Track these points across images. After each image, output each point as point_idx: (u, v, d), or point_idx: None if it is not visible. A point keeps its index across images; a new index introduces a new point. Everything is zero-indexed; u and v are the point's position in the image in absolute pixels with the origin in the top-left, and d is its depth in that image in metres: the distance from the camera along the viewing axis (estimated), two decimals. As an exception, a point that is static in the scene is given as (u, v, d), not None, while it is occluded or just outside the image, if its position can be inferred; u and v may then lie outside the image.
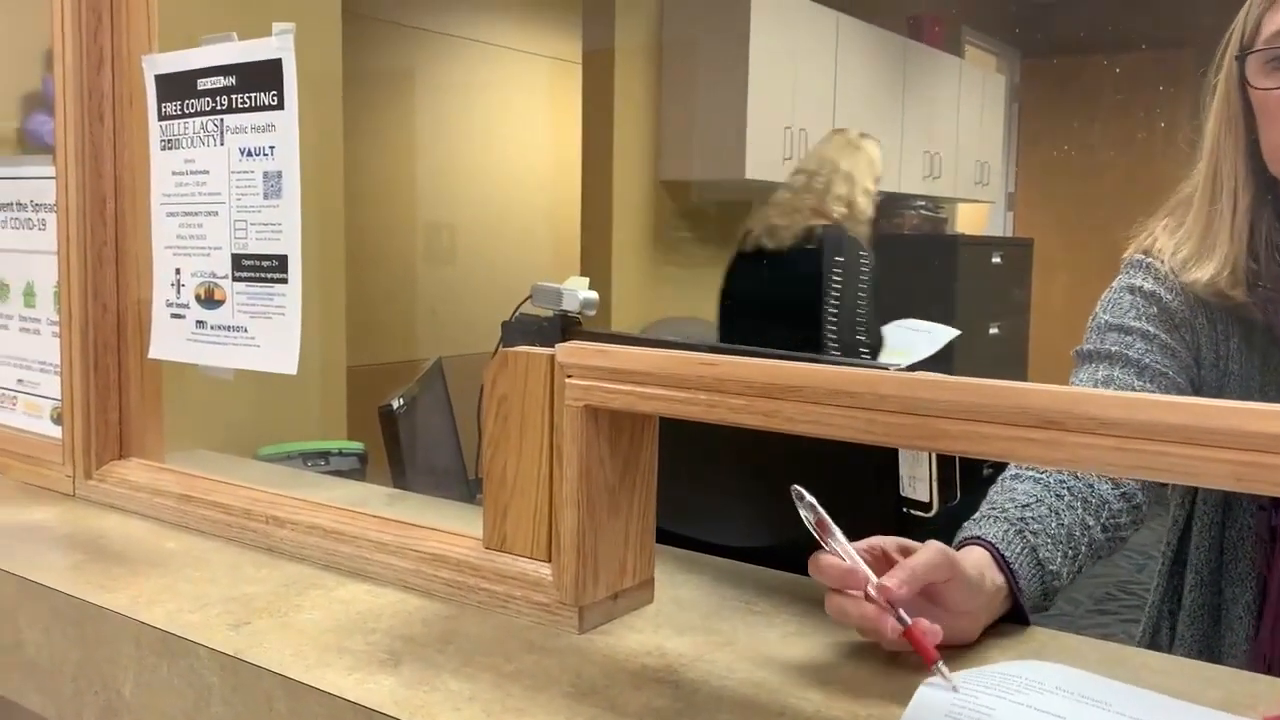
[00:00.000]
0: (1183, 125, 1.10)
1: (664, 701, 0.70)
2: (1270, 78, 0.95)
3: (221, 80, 1.07)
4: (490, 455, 0.87)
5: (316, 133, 2.53)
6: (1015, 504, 0.93)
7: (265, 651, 0.77)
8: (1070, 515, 0.94)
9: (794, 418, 0.70)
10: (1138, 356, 1.03)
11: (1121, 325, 1.05)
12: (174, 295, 1.13)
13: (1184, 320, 1.05)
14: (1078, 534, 0.94)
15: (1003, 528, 0.90)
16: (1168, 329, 1.05)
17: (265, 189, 1.04)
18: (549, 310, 1.27)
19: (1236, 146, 1.00)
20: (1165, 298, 1.05)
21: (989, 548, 0.87)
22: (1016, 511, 0.92)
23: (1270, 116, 0.96)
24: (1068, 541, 0.92)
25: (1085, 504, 0.96)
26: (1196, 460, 0.57)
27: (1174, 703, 0.70)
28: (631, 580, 0.87)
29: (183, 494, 1.10)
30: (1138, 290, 1.07)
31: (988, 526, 0.90)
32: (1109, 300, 1.09)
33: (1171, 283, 1.06)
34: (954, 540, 0.90)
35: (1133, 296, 1.07)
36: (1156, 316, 1.05)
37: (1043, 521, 0.91)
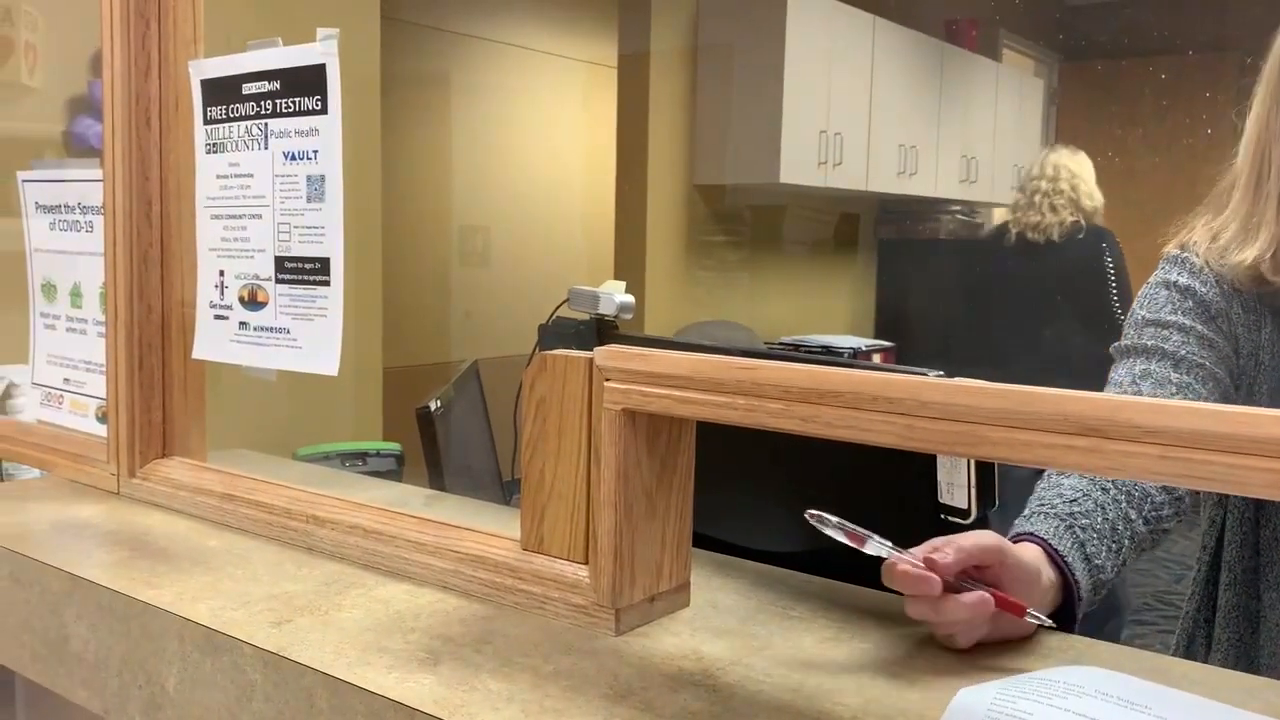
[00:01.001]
0: (1224, 129, 1.10)
1: (700, 704, 0.70)
2: None
3: (266, 85, 1.08)
4: (528, 457, 0.88)
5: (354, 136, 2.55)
6: (1063, 499, 0.94)
7: (307, 649, 0.78)
8: (1115, 510, 0.95)
9: (833, 423, 0.70)
10: (1174, 349, 1.04)
11: (1158, 320, 1.06)
12: (218, 297, 1.15)
13: (1220, 311, 1.05)
14: (1121, 528, 0.95)
15: (1053, 524, 0.92)
16: (1204, 320, 1.05)
17: (308, 192, 1.05)
18: (585, 314, 1.28)
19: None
20: (1200, 290, 1.06)
21: (1042, 544, 0.88)
22: (1065, 507, 0.93)
23: None
24: (1112, 536, 0.93)
25: (1129, 498, 0.97)
26: (1241, 469, 0.56)
27: (1218, 707, 0.69)
28: (668, 583, 0.87)
29: (225, 493, 1.11)
30: (1173, 285, 1.08)
31: (1038, 523, 0.91)
32: (1145, 296, 1.10)
33: (1206, 275, 1.06)
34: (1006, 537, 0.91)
35: (1168, 291, 1.08)
36: (1193, 309, 1.06)
37: (1089, 517, 0.93)
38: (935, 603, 0.77)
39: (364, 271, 2.64)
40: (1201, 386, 1.03)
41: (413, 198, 4.29)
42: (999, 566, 0.80)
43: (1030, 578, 0.84)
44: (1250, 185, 1.04)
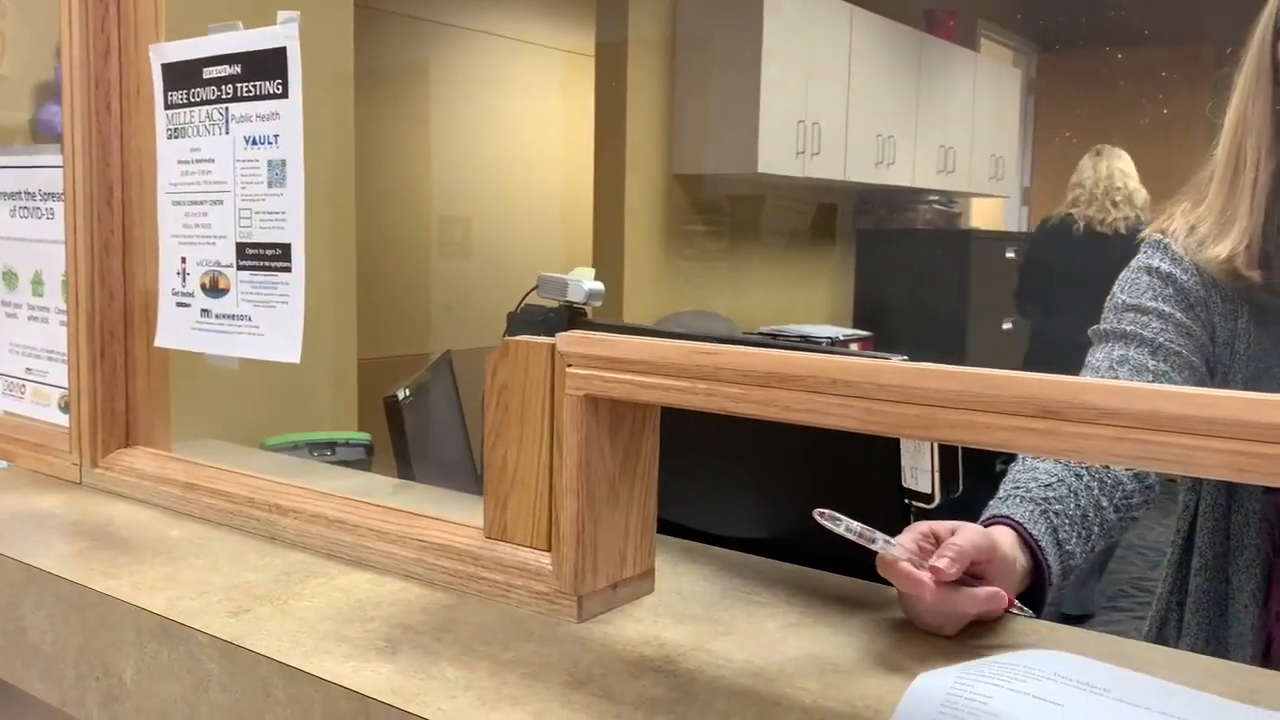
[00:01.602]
0: (1201, 120, 1.11)
1: (660, 690, 0.70)
2: None
3: (227, 69, 1.07)
4: (491, 444, 0.87)
5: (328, 125, 2.54)
6: (1038, 484, 0.95)
7: (264, 638, 0.77)
8: (1087, 497, 0.96)
9: (792, 406, 0.69)
10: (1152, 336, 1.04)
11: (1138, 305, 1.07)
12: (179, 284, 1.13)
13: (1199, 299, 1.06)
14: (1092, 515, 0.95)
15: (1028, 508, 0.92)
16: (1183, 308, 1.06)
17: (269, 177, 1.04)
18: (555, 301, 1.27)
19: (1264, 115, 1.02)
20: (1181, 278, 1.06)
21: (1017, 527, 0.89)
22: (1040, 492, 0.94)
23: None
24: (1083, 523, 0.94)
25: (1101, 485, 0.97)
26: (1197, 450, 0.56)
27: (1176, 688, 0.69)
28: (632, 570, 0.87)
29: (188, 482, 1.10)
30: (1154, 271, 1.08)
31: (1014, 507, 0.92)
32: (1126, 280, 1.10)
33: (1187, 262, 1.07)
34: (980, 519, 0.91)
35: (1149, 277, 1.08)
36: (1173, 296, 1.06)
37: (1063, 503, 0.94)
38: (949, 595, 0.78)
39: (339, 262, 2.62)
40: (1178, 374, 1.03)
41: (390, 188, 4.26)
42: (986, 563, 0.81)
43: (1009, 566, 0.84)
44: (1226, 179, 1.04)
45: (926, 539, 0.81)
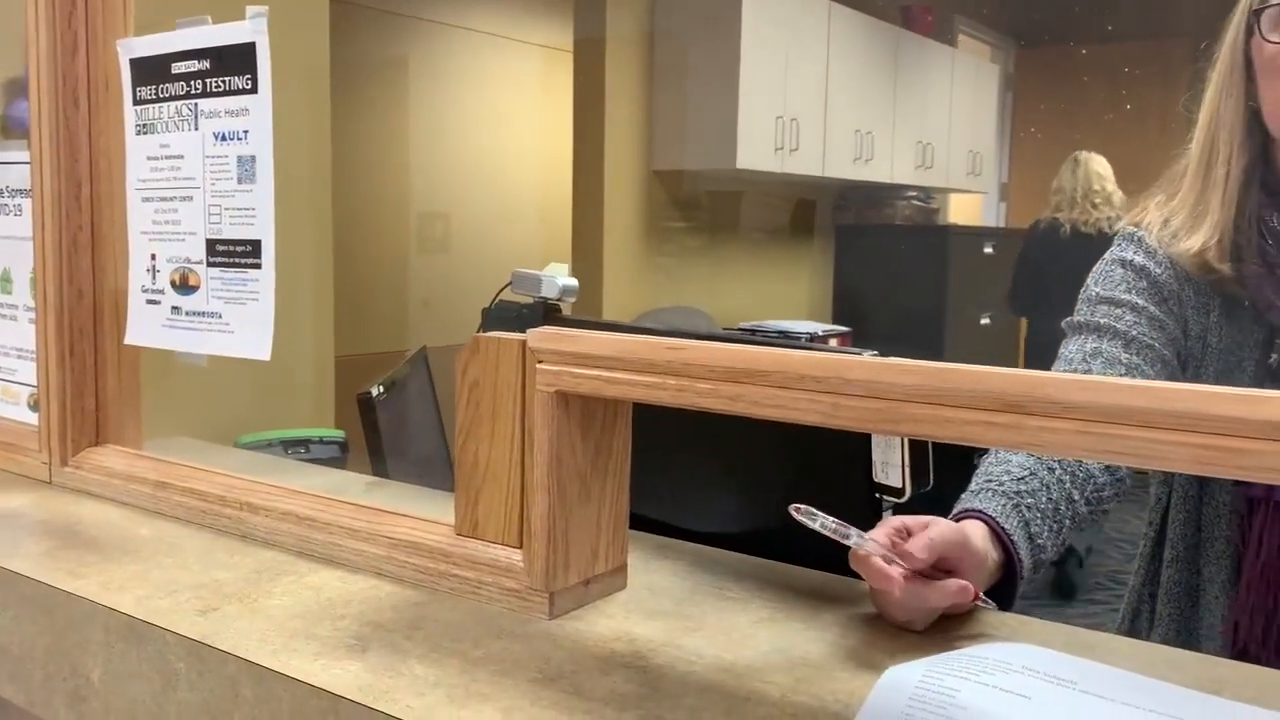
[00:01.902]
0: (1177, 114, 1.12)
1: (630, 686, 0.70)
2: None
3: (196, 64, 1.06)
4: (462, 441, 0.87)
5: (304, 121, 2.52)
6: (1010, 477, 0.95)
7: (232, 637, 0.77)
8: (1059, 490, 0.96)
9: (760, 402, 0.69)
10: (1125, 329, 1.05)
11: (1112, 298, 1.07)
12: (149, 281, 1.13)
13: (1172, 293, 1.06)
14: (1064, 509, 0.96)
15: (1000, 502, 0.92)
16: (1156, 301, 1.06)
17: (239, 173, 1.03)
18: (529, 297, 1.27)
19: (1236, 111, 1.03)
20: (1154, 271, 1.07)
21: (989, 522, 0.89)
22: (1012, 485, 0.94)
23: (1276, 73, 0.98)
24: (1054, 516, 0.94)
25: (1073, 478, 0.97)
26: (1159, 444, 0.57)
27: (1142, 680, 0.70)
28: (604, 566, 0.87)
29: (158, 481, 1.09)
30: (1128, 264, 1.08)
31: (986, 500, 0.92)
32: (1100, 273, 1.10)
33: (1160, 256, 1.07)
34: (952, 511, 0.92)
35: (1123, 270, 1.08)
36: (1146, 290, 1.07)
37: (1035, 496, 0.94)
38: (919, 589, 0.78)
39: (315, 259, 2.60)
40: (1150, 367, 1.04)
41: (368, 184, 4.24)
42: (956, 558, 0.81)
43: (980, 560, 0.84)
44: (1199, 172, 1.05)
45: (899, 533, 0.82)
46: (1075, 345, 1.07)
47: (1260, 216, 1.01)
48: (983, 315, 5.09)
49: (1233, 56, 1.03)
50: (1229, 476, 0.56)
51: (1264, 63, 0.99)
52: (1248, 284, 1.02)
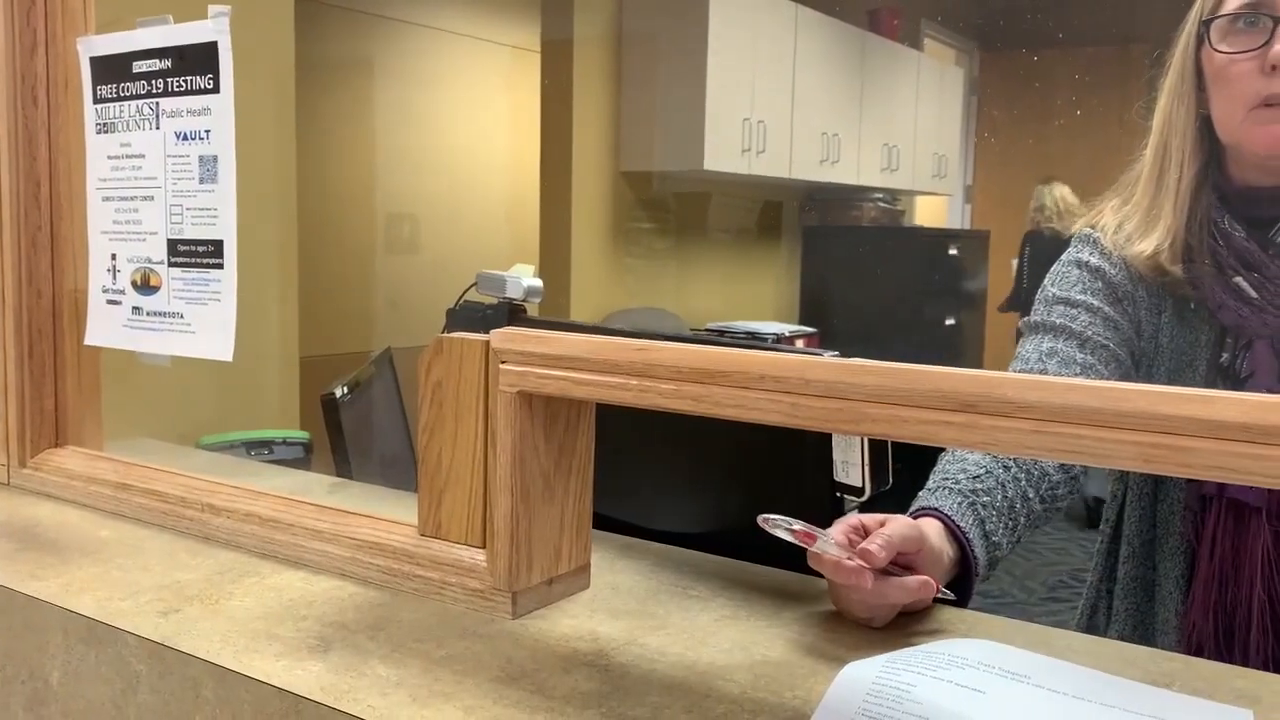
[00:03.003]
0: (1134, 118, 1.14)
1: (592, 685, 0.70)
2: (1231, 43, 1.00)
3: (157, 63, 1.05)
4: (425, 442, 0.87)
5: (269, 121, 2.50)
6: (966, 475, 0.96)
7: (194, 639, 0.77)
8: (1014, 488, 0.97)
9: (722, 402, 0.70)
10: (1080, 329, 1.06)
11: (1068, 298, 1.09)
12: (110, 281, 1.12)
13: (1126, 293, 1.08)
14: (1019, 506, 0.97)
15: (956, 500, 0.94)
16: (1111, 302, 1.08)
17: (201, 173, 1.02)
18: (494, 298, 1.27)
19: (1188, 118, 1.05)
20: (1109, 272, 1.09)
21: (944, 519, 0.90)
22: (968, 484, 0.95)
23: (1225, 82, 1.00)
24: (1010, 514, 0.96)
25: (1028, 476, 0.99)
26: (1108, 443, 0.58)
27: (1094, 674, 0.71)
28: (567, 566, 0.87)
29: (119, 482, 1.08)
30: (1084, 265, 1.10)
31: (942, 498, 0.93)
32: (1057, 274, 1.12)
33: (1115, 257, 1.09)
34: (909, 510, 0.93)
35: (1079, 271, 1.10)
36: (1101, 290, 1.09)
37: (990, 494, 0.95)
38: (879, 585, 0.79)
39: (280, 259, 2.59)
40: (1105, 367, 1.05)
41: (334, 185, 4.22)
42: (915, 553, 0.82)
43: (937, 557, 0.85)
44: (1153, 177, 1.07)
45: (856, 531, 0.83)
46: (1032, 345, 1.09)
47: (1211, 219, 1.03)
48: (947, 316, 5.14)
49: (1184, 65, 1.05)
50: (1175, 474, 0.57)
51: (1214, 71, 1.02)
52: (1199, 284, 1.04)
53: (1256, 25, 0.98)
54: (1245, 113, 0.98)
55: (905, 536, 0.82)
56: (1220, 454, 0.55)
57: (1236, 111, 0.99)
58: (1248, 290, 1.01)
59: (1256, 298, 1.00)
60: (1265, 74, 0.96)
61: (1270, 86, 0.96)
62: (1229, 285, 1.02)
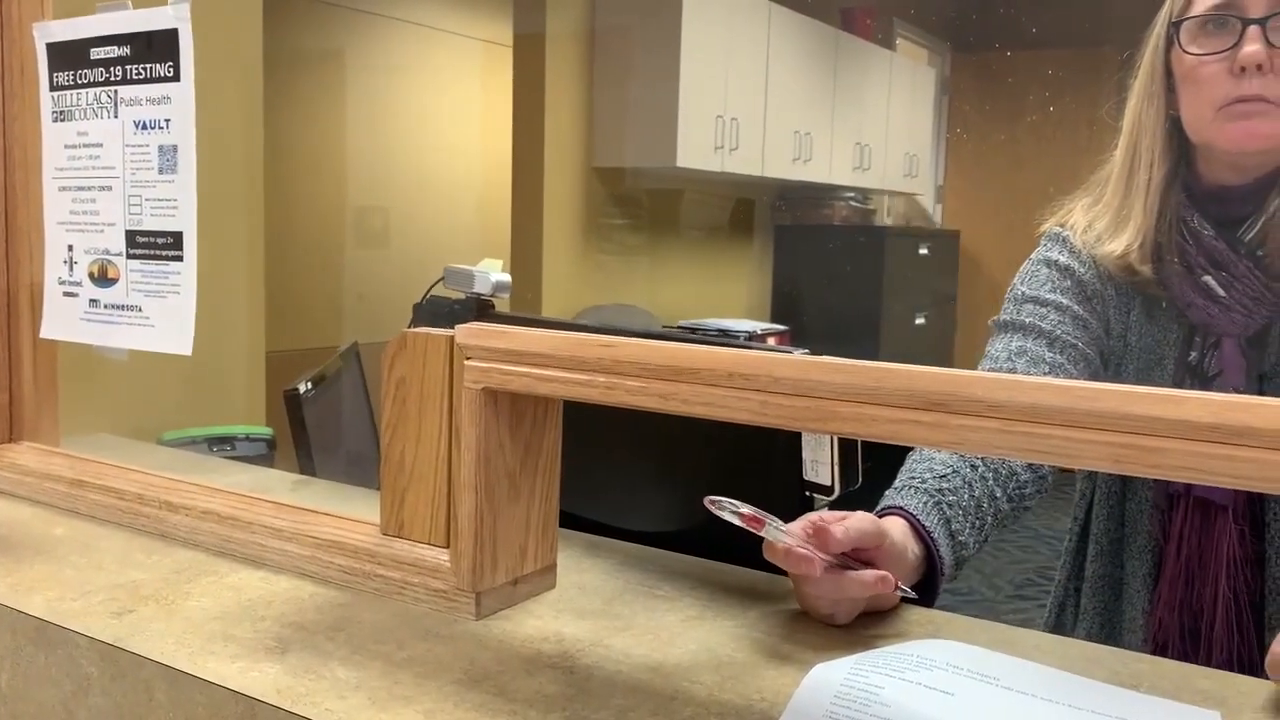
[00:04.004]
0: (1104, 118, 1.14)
1: (556, 687, 0.69)
2: (1204, 42, 0.99)
3: (116, 50, 1.03)
4: (388, 440, 0.85)
5: (236, 113, 2.47)
6: (933, 474, 0.95)
7: (147, 640, 0.75)
8: (981, 488, 0.97)
9: (690, 400, 0.69)
10: (1050, 328, 1.06)
11: (1037, 297, 1.09)
12: (67, 273, 1.09)
13: (1095, 292, 1.08)
14: (986, 506, 0.96)
15: (922, 499, 0.92)
16: (1080, 300, 1.08)
17: (160, 163, 1.00)
18: (462, 293, 1.26)
19: (1157, 119, 1.05)
20: (1079, 270, 1.09)
21: (909, 518, 0.89)
22: (935, 483, 0.94)
23: (1195, 83, 1.00)
24: (976, 513, 0.95)
25: (996, 475, 0.98)
26: (1078, 442, 0.57)
27: (1063, 675, 0.71)
28: (533, 566, 0.86)
29: (75, 479, 1.06)
30: (1054, 264, 1.10)
31: (908, 497, 0.92)
32: (1027, 272, 1.12)
33: (1084, 256, 1.09)
34: (876, 507, 0.92)
35: (1049, 270, 1.10)
36: (1070, 289, 1.08)
37: (957, 494, 0.94)
38: (837, 580, 0.78)
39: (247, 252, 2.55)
40: (1073, 367, 1.05)
41: (303, 178, 4.18)
42: (875, 550, 0.81)
43: (899, 555, 0.84)
44: (1123, 177, 1.07)
45: (814, 527, 0.81)
46: (1001, 344, 1.09)
47: (1180, 218, 1.03)
48: (918, 315, 5.16)
49: (1154, 66, 1.06)
50: (1145, 475, 0.57)
51: (1183, 73, 1.02)
52: (1168, 283, 1.04)
53: (1225, 27, 0.98)
54: (1214, 113, 0.99)
55: (864, 530, 0.80)
56: (1190, 454, 0.55)
57: (1206, 112, 0.99)
58: (1216, 289, 1.01)
59: (1225, 296, 1.00)
60: (1234, 75, 0.97)
61: (1239, 88, 0.96)
62: (1198, 284, 1.02)
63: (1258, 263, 1.00)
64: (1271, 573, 1.01)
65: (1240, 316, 1.00)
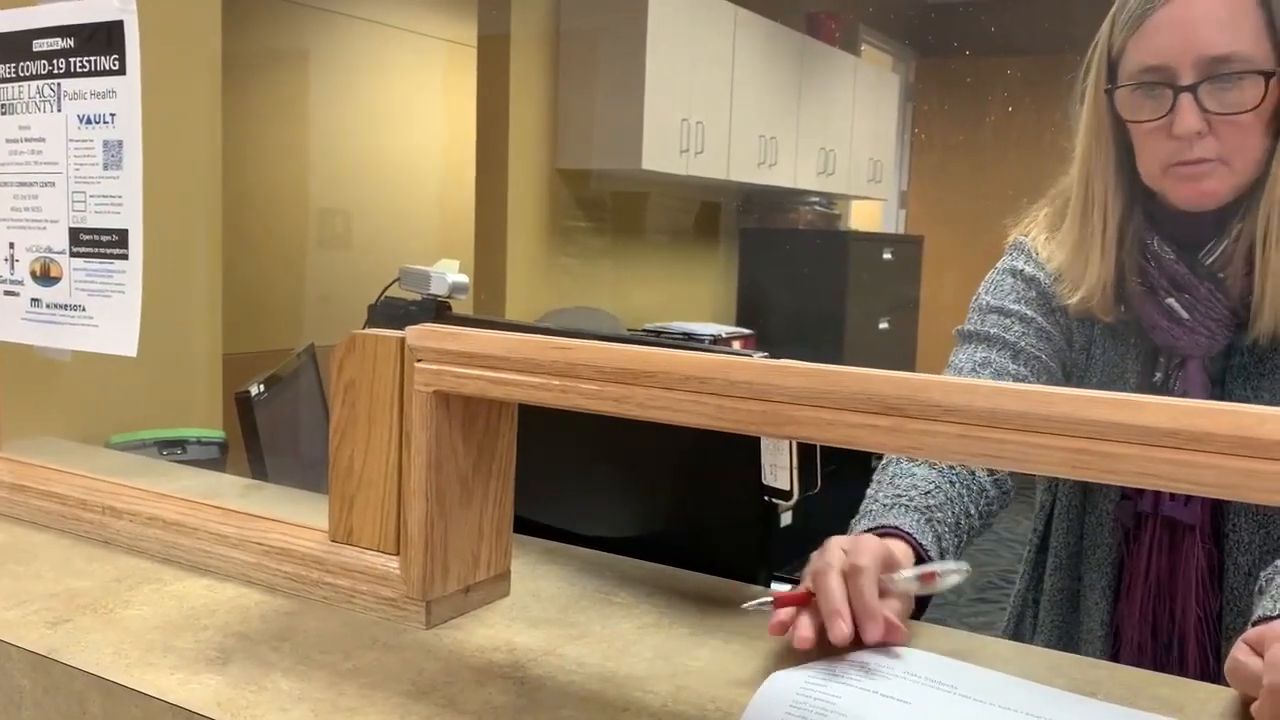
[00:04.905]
0: (1066, 126, 1.13)
1: (506, 698, 0.68)
2: (1139, 109, 0.98)
3: (60, 42, 1.00)
4: (336, 444, 0.83)
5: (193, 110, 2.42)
6: (918, 491, 0.94)
7: (83, 651, 0.72)
8: (959, 504, 0.96)
9: (645, 404, 0.68)
10: (1013, 339, 1.06)
11: (1001, 308, 1.08)
12: (7, 271, 1.06)
13: (1059, 304, 1.07)
14: (963, 523, 0.96)
15: (914, 518, 0.90)
16: (1044, 312, 1.08)
17: (105, 159, 0.98)
18: (418, 294, 1.23)
19: (1107, 159, 1.03)
20: (1043, 281, 1.08)
21: (908, 539, 0.87)
22: (922, 500, 0.93)
23: (1144, 143, 0.99)
24: (956, 530, 0.94)
25: (969, 492, 0.97)
26: (1034, 448, 0.57)
27: (1020, 682, 0.70)
28: (485, 573, 0.84)
29: (15, 483, 1.03)
30: (1018, 273, 1.09)
31: (902, 517, 0.90)
32: (992, 282, 1.11)
33: (1050, 266, 1.08)
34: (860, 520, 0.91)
35: (1014, 280, 1.09)
36: (1035, 300, 1.08)
37: (941, 510, 0.93)
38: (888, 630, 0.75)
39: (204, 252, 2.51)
40: (1035, 379, 1.04)
41: (264, 179, 4.12)
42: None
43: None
44: (1078, 212, 1.06)
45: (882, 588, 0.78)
46: (965, 355, 1.08)
47: (1143, 241, 1.02)
48: (881, 320, 5.18)
49: (1097, 101, 1.03)
50: (1102, 481, 0.56)
51: (1131, 131, 1.00)
52: (1131, 305, 1.03)
53: (1156, 93, 0.96)
54: (1162, 171, 0.98)
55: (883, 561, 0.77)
56: (1148, 460, 0.54)
57: (1154, 169, 0.99)
58: (1180, 311, 1.00)
59: (1188, 318, 1.00)
60: (1173, 140, 0.95)
61: (1181, 153, 0.95)
62: (1161, 306, 1.01)
63: (1219, 285, 0.99)
64: (1230, 584, 1.01)
65: (1204, 339, 1.00)
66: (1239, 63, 0.92)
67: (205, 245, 2.53)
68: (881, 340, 5.14)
